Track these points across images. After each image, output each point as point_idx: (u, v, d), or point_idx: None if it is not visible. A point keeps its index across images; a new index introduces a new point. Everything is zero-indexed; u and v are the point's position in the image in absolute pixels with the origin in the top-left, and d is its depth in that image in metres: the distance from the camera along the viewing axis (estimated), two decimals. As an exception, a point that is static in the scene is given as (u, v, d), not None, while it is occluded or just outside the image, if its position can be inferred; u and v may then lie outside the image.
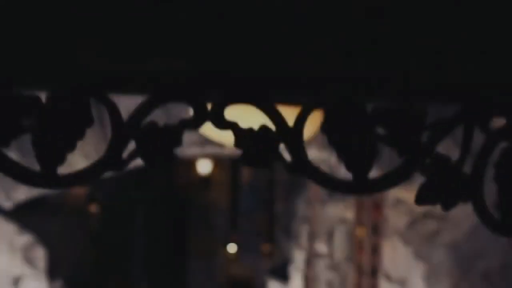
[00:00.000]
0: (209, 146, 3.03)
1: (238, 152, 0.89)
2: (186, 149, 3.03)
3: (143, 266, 6.80)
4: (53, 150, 0.79)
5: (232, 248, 10.30)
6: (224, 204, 10.30)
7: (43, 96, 0.78)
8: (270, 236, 10.30)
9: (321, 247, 4.96)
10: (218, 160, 10.21)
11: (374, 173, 0.88)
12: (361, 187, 0.82)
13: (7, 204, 3.02)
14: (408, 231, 3.64)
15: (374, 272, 4.33)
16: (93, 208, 4.98)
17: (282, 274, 7.70)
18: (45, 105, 0.78)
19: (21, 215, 3.14)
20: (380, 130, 0.82)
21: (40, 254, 3.01)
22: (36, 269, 3.02)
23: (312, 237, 5.39)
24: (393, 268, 3.76)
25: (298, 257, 6.64)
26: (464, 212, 3.22)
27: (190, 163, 10.49)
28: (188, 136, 3.01)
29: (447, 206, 0.83)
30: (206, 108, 0.80)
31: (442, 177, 0.82)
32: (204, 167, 9.99)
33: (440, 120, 0.81)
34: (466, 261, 3.15)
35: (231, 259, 10.35)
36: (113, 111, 0.79)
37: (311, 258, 5.42)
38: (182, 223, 10.95)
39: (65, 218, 3.58)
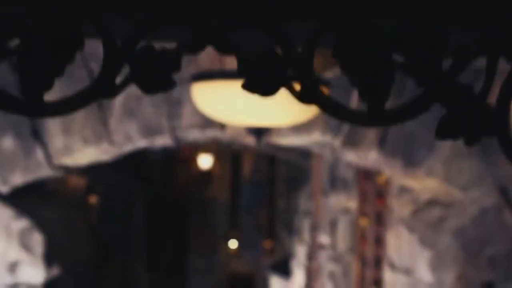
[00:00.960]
0: (210, 130, 2.96)
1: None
2: (186, 132, 2.96)
3: (143, 260, 6.73)
4: (39, 74, 0.71)
5: (233, 244, 10.23)
6: (225, 200, 10.22)
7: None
8: (271, 232, 10.23)
9: (324, 238, 4.89)
10: (218, 156, 10.14)
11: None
12: (376, 119, 0.75)
13: (4, 189, 2.95)
14: (413, 219, 3.57)
15: (377, 262, 4.26)
16: (92, 199, 4.91)
17: (284, 270, 7.62)
18: (32, 26, 0.71)
19: (18, 200, 3.07)
20: (398, 57, 0.75)
21: (37, 240, 2.94)
22: (33, 255, 2.95)
23: (314, 229, 5.32)
24: (398, 256, 3.69)
25: (300, 252, 6.57)
26: (470, 197, 3.16)
27: (190, 159, 10.42)
28: (189, 119, 2.94)
29: (469, 141, 0.76)
30: (206, 31, 0.73)
31: (464, 109, 0.75)
32: (204, 162, 9.93)
33: (462, 47, 0.74)
34: (472, 247, 3.08)
35: (232, 255, 10.28)
36: (106, 34, 0.71)
37: (314, 250, 5.35)
38: (182, 218, 10.88)
39: (63, 206, 3.51)
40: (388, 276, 3.78)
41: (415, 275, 3.27)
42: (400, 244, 3.62)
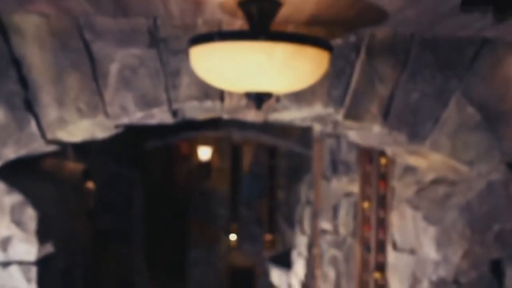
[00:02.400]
0: (208, 101, 2.87)
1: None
2: (184, 104, 2.87)
3: (142, 251, 6.63)
4: None
5: (233, 236, 10.17)
6: (225, 192, 10.13)
7: None
8: (272, 225, 10.16)
9: (326, 224, 4.80)
10: (218, 148, 10.06)
11: None
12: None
13: (-4, 163, 2.86)
14: (417, 197, 3.48)
15: (380, 246, 4.17)
16: (90, 185, 4.82)
17: (284, 263, 7.53)
18: None
19: (12, 177, 2.99)
20: None
21: (30, 215, 2.85)
22: (25, 231, 2.86)
23: (315, 215, 5.23)
24: (402, 237, 3.60)
25: (301, 243, 6.47)
26: (476, 172, 3.06)
27: (190, 151, 10.35)
28: (187, 91, 2.84)
29: (499, 13, 0.66)
30: None
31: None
32: (203, 154, 9.85)
33: None
34: (479, 223, 2.99)
35: (232, 247, 10.22)
36: None
37: (315, 237, 5.25)
38: (181, 210, 10.81)
39: (59, 187, 3.42)
40: (391, 257, 3.69)
41: (420, 254, 3.18)
42: (404, 224, 3.52)
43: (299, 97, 2.90)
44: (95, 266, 5.46)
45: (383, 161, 4.15)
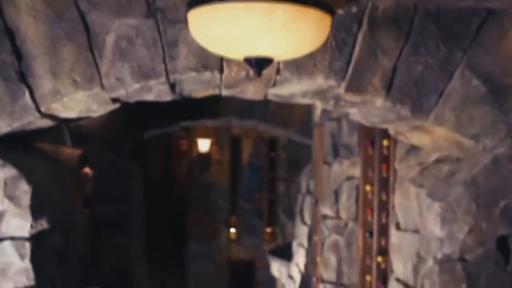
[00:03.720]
0: (207, 72, 2.80)
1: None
2: (182, 75, 2.80)
3: (140, 242, 6.55)
4: None
5: (232, 229, 10.08)
6: (224, 185, 10.06)
7: None
8: (272, 217, 10.08)
9: (327, 210, 4.72)
10: (217, 140, 9.99)
11: None
12: None
13: (-11, 136, 2.79)
14: (421, 176, 3.41)
15: (382, 230, 4.10)
16: (87, 170, 4.75)
17: (284, 255, 7.46)
18: None
19: (6, 151, 2.91)
20: None
21: (24, 190, 2.77)
22: (19, 206, 2.78)
23: (317, 200, 5.15)
24: (405, 217, 3.53)
25: (302, 233, 6.41)
26: (482, 147, 2.99)
27: (189, 143, 10.28)
28: (185, 62, 2.77)
29: None
30: None
31: None
32: (203, 146, 9.77)
33: None
34: (485, 198, 2.91)
35: (232, 240, 10.13)
36: None
37: (316, 224, 5.18)
38: (180, 202, 10.73)
39: (56, 167, 3.35)
40: (394, 238, 3.62)
41: (424, 232, 3.10)
42: (407, 203, 3.45)
43: (300, 69, 2.84)
44: (93, 256, 5.38)
45: (385, 143, 4.08)
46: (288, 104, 6.59)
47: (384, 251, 4.04)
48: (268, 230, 10.05)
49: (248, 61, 2.35)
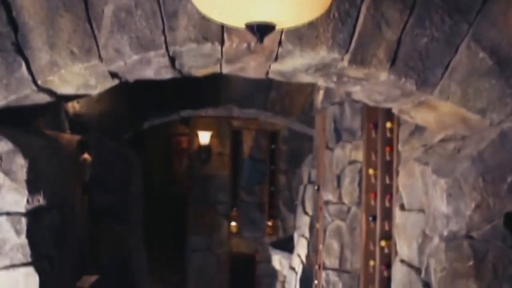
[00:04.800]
0: (207, 44, 2.73)
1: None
2: (182, 47, 2.73)
3: (140, 232, 6.49)
4: None
5: (233, 222, 10.00)
6: (225, 177, 9.98)
7: None
8: (272, 210, 10.00)
9: (329, 195, 4.66)
10: (218, 133, 9.92)
11: None
12: None
13: (-15, 110, 2.73)
14: (426, 155, 3.34)
15: (386, 213, 4.04)
16: (86, 156, 4.69)
17: (285, 248, 7.41)
18: None
19: (2, 127, 2.85)
20: None
21: (20, 164, 2.71)
22: (15, 181, 2.72)
23: (319, 187, 5.09)
24: (410, 196, 3.46)
25: (303, 223, 6.35)
26: (488, 121, 2.92)
27: (190, 136, 10.21)
28: (185, 33, 2.71)
29: None
30: None
31: None
32: (203, 139, 9.70)
33: None
34: (492, 174, 2.83)
35: (233, 233, 10.05)
36: None
37: (318, 211, 5.11)
38: (181, 197, 10.66)
39: (53, 146, 3.28)
40: (399, 218, 3.55)
41: (429, 210, 3.03)
42: (412, 182, 3.38)
43: (302, 41, 2.77)
44: (92, 244, 5.32)
45: (388, 125, 4.02)
46: (289, 93, 6.56)
47: (387, 235, 3.98)
48: (269, 223, 9.97)
49: (250, 27, 2.29)
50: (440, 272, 2.84)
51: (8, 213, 2.66)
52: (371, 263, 4.14)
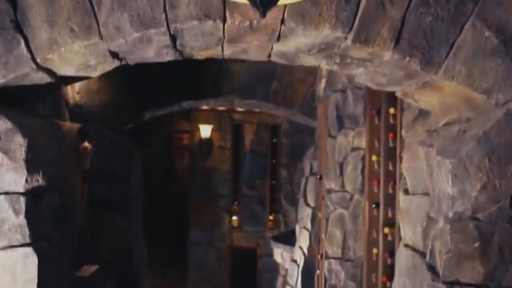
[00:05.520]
0: (209, 21, 2.69)
1: None
2: (183, 25, 2.69)
3: (140, 224, 6.44)
4: None
5: (234, 216, 9.97)
6: (226, 171, 9.94)
7: None
8: (274, 204, 9.96)
9: (331, 184, 4.61)
10: (219, 126, 9.88)
11: None
12: None
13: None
14: (430, 138, 3.30)
15: (389, 200, 3.99)
16: (86, 144, 4.65)
17: (287, 242, 7.37)
18: None
19: (1, 106, 2.81)
20: None
21: (18, 143, 2.67)
22: (14, 160, 2.68)
23: (321, 176, 5.04)
24: (414, 180, 3.42)
25: (305, 215, 6.31)
26: (494, 101, 2.87)
27: (191, 129, 10.17)
28: (186, 10, 2.67)
29: None
30: None
31: None
32: (205, 132, 9.66)
33: None
34: (498, 154, 2.79)
35: (234, 227, 10.02)
36: None
37: (320, 200, 5.07)
38: (182, 190, 10.61)
39: (53, 129, 3.24)
40: (403, 203, 3.50)
41: (434, 193, 2.98)
42: (416, 165, 3.34)
43: (305, 19, 2.73)
44: (92, 234, 5.28)
45: (391, 111, 3.98)
46: (290, 83, 6.52)
47: (391, 222, 3.94)
48: (270, 217, 9.94)
49: (253, 1, 2.25)
50: (445, 254, 2.79)
51: (6, 193, 2.63)
52: (374, 251, 4.10)
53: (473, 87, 2.85)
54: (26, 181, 2.64)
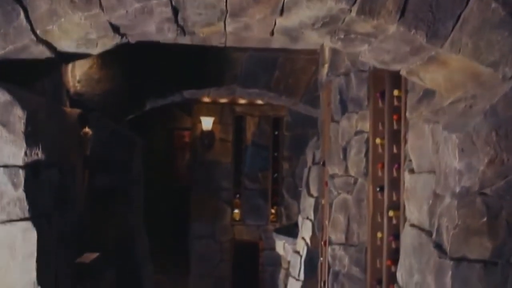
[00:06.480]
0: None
1: None
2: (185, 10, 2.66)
3: (141, 212, 6.39)
4: None
5: (236, 209, 9.92)
6: (228, 164, 9.90)
7: None
8: (276, 197, 9.91)
9: (335, 168, 4.56)
10: (221, 118, 9.83)
11: None
12: None
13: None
14: (436, 115, 3.25)
15: (393, 183, 3.94)
16: (87, 130, 4.61)
17: (289, 234, 7.32)
18: None
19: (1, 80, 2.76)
20: None
21: (17, 115, 2.63)
22: (12, 132, 2.63)
23: (324, 162, 5.00)
24: (419, 158, 3.37)
25: (308, 205, 6.25)
26: (501, 74, 2.83)
27: (193, 122, 10.12)
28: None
29: None
30: None
31: None
32: (206, 124, 9.62)
33: None
34: (505, 127, 2.74)
35: (236, 221, 9.97)
36: None
37: (323, 187, 5.02)
38: (184, 184, 10.55)
39: (54, 107, 3.19)
40: (408, 182, 3.45)
41: (440, 168, 2.93)
42: (422, 143, 3.29)
43: (309, -12, 2.68)
44: (93, 222, 5.24)
45: (396, 93, 3.93)
46: (293, 72, 6.47)
47: (395, 205, 3.88)
48: (272, 210, 9.89)
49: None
50: (452, 230, 2.74)
51: (5, 166, 2.58)
52: (379, 235, 4.05)
53: (480, 60, 2.81)
54: (25, 154, 2.59)
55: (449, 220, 2.80)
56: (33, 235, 2.59)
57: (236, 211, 9.98)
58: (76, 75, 5.75)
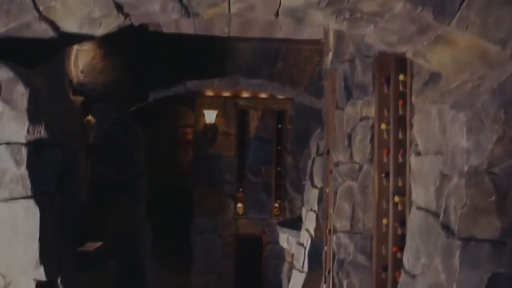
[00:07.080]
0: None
1: None
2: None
3: (144, 204, 6.37)
4: None
5: (239, 203, 9.89)
6: (231, 158, 9.87)
7: None
8: (279, 191, 9.88)
9: (339, 156, 4.53)
10: (224, 111, 9.81)
11: None
12: None
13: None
14: (443, 97, 3.21)
15: (399, 169, 3.90)
16: (90, 118, 4.58)
17: (293, 227, 7.29)
18: None
19: (2, 55, 2.73)
20: None
21: (20, 92, 2.60)
22: (15, 109, 2.61)
23: (328, 150, 4.96)
24: (426, 140, 3.33)
25: (312, 197, 6.22)
26: (509, 52, 2.79)
27: (195, 115, 10.09)
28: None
29: None
30: None
31: None
32: (209, 118, 9.60)
33: None
34: (514, 105, 2.71)
35: (239, 214, 9.94)
36: None
37: (328, 174, 4.98)
38: (187, 177, 10.52)
39: (55, 79, 3.16)
40: (414, 164, 3.42)
41: (448, 148, 2.90)
42: (428, 126, 3.25)
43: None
44: (96, 214, 5.21)
45: (401, 77, 3.89)
46: (296, 63, 6.45)
47: (401, 191, 3.85)
48: (276, 204, 9.86)
49: None
50: (460, 209, 2.71)
51: (8, 143, 2.55)
52: (384, 221, 4.01)
53: (488, 38, 2.77)
54: (28, 131, 2.56)
55: (457, 199, 2.76)
56: (35, 213, 2.56)
57: (239, 205, 9.95)
58: (79, 66, 5.73)
